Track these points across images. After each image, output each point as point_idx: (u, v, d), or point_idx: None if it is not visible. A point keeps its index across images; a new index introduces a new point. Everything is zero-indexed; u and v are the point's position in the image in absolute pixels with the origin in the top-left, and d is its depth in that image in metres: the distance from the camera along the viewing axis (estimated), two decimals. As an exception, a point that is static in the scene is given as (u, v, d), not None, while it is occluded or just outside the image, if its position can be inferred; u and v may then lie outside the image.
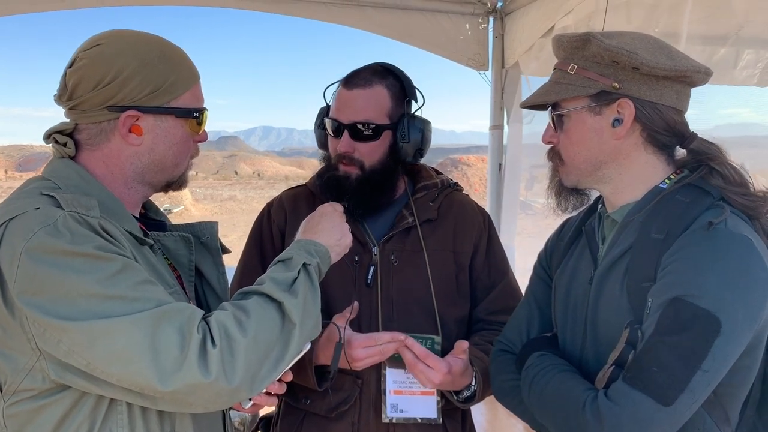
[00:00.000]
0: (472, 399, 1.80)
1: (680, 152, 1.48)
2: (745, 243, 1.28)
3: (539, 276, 1.72)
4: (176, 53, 1.41)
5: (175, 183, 1.49)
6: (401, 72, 1.91)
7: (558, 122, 1.47)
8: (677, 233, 1.32)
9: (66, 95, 1.36)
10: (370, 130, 1.84)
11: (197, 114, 1.43)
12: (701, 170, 1.41)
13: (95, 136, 1.37)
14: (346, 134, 1.84)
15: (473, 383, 1.78)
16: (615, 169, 1.45)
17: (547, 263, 1.71)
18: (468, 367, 1.75)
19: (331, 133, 1.89)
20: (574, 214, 1.65)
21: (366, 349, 1.70)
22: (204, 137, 1.49)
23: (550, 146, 1.53)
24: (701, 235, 1.29)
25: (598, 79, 1.40)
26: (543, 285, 1.69)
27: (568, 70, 1.43)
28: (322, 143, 1.99)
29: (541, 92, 1.48)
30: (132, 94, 1.33)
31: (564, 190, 1.54)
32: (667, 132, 1.43)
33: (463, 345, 1.76)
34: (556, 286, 1.62)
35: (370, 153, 1.86)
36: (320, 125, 1.98)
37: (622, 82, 1.39)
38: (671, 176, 1.45)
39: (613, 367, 1.29)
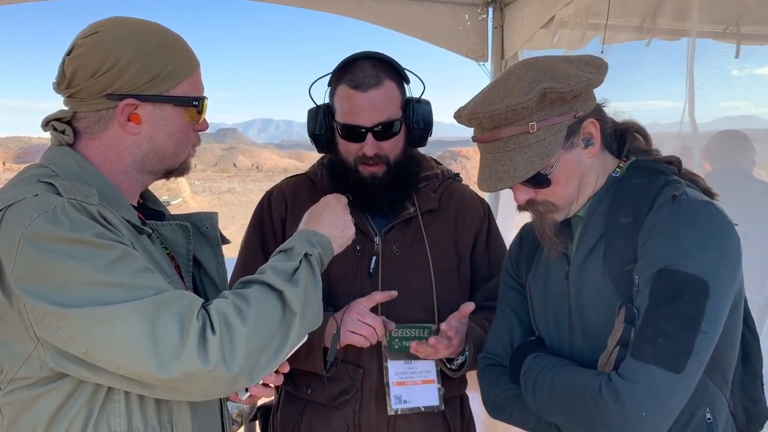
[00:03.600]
0: (464, 366, 1.84)
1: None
2: (710, 208, 1.35)
3: (509, 285, 1.73)
4: (175, 41, 1.40)
5: (176, 170, 1.48)
6: (391, 58, 1.89)
7: (539, 182, 1.43)
8: (644, 213, 1.38)
9: (64, 83, 1.35)
10: (393, 128, 1.84)
11: (197, 102, 1.42)
12: (628, 146, 1.50)
13: (94, 125, 1.36)
14: (370, 137, 1.82)
15: (466, 348, 1.81)
16: (593, 182, 1.49)
17: (514, 271, 1.72)
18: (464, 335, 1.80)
19: (348, 139, 1.85)
20: (529, 222, 1.66)
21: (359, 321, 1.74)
22: (204, 126, 1.48)
23: (528, 202, 1.48)
24: (669, 208, 1.35)
25: (562, 120, 1.40)
26: (515, 293, 1.71)
27: (530, 130, 1.37)
28: (325, 147, 1.93)
29: (519, 167, 1.39)
30: (130, 82, 1.32)
31: (560, 226, 1.52)
32: (608, 126, 1.49)
33: (469, 307, 1.80)
34: (531, 290, 1.64)
35: (394, 148, 1.87)
36: (322, 129, 1.89)
37: (579, 108, 1.41)
38: (620, 165, 1.50)
39: (618, 347, 1.31)
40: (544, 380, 1.44)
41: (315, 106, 1.91)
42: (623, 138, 1.53)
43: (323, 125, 1.89)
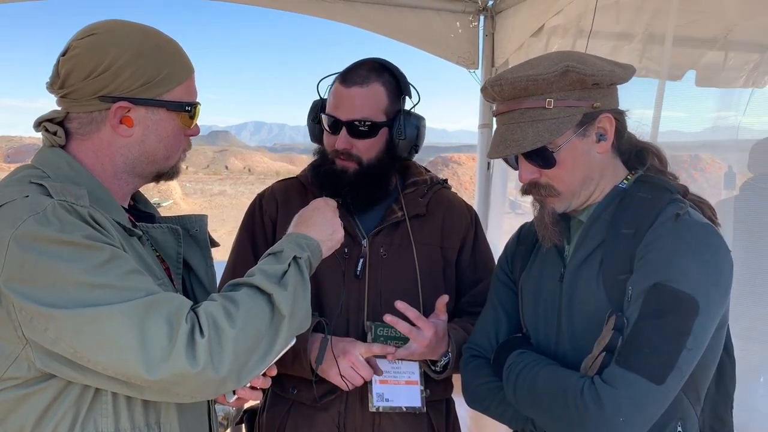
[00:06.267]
0: (447, 368, 1.85)
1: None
2: (711, 230, 1.39)
3: (502, 281, 1.76)
4: (171, 46, 1.41)
5: (167, 174, 1.49)
6: (397, 69, 1.94)
7: (545, 159, 1.46)
8: (646, 227, 1.41)
9: (58, 83, 1.35)
10: (367, 128, 1.86)
11: (189, 108, 1.43)
12: (647, 165, 1.53)
13: (86, 126, 1.37)
14: (344, 131, 1.87)
15: (448, 350, 1.83)
16: (597, 180, 1.51)
17: (509, 268, 1.76)
18: (445, 334, 1.82)
19: (328, 129, 1.91)
20: (530, 219, 1.69)
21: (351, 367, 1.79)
22: (196, 131, 1.49)
23: (531, 182, 1.51)
24: (671, 226, 1.38)
25: (579, 104, 1.43)
26: (506, 289, 1.74)
27: (546, 106, 1.42)
28: (316, 137, 2.00)
29: (528, 138, 1.43)
30: (124, 85, 1.33)
31: (559, 217, 1.55)
32: (625, 132, 1.53)
33: (444, 299, 1.83)
34: (523, 288, 1.67)
35: (368, 149, 1.89)
36: (315, 119, 1.99)
37: (599, 99, 1.44)
38: (628, 177, 1.54)
39: (604, 353, 1.35)
40: (527, 376, 1.47)
41: (317, 99, 2.01)
42: (640, 154, 1.56)
43: (317, 116, 1.98)
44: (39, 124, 1.39)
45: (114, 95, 1.33)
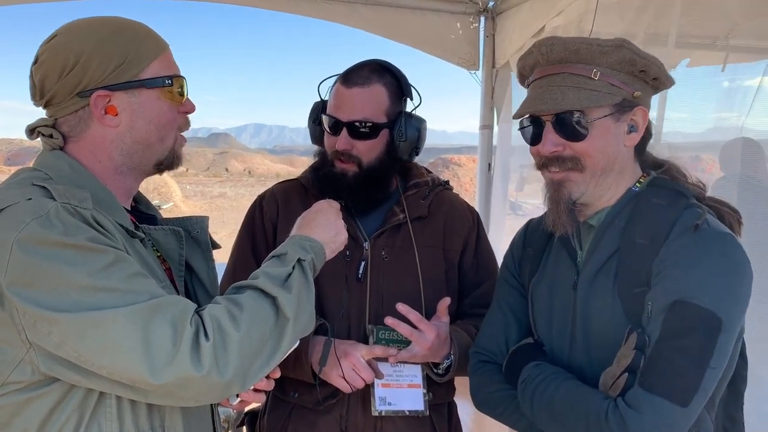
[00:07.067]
0: (450, 370, 1.84)
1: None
2: (730, 240, 1.34)
3: (509, 283, 1.72)
4: (133, 27, 1.39)
5: (166, 160, 1.46)
6: (398, 70, 1.94)
7: (575, 130, 1.42)
8: (662, 237, 1.37)
9: (37, 93, 1.36)
10: (368, 129, 1.86)
11: (169, 81, 1.40)
12: (664, 167, 1.50)
13: (75, 127, 1.36)
14: (344, 132, 1.86)
15: (451, 352, 1.82)
16: (614, 175, 1.47)
17: (516, 271, 1.71)
18: (447, 337, 1.81)
19: (329, 130, 1.91)
20: (534, 218, 1.68)
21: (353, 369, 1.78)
22: (189, 107, 1.47)
23: (552, 155, 1.45)
24: (690, 237, 1.34)
25: (622, 86, 1.41)
26: (514, 292, 1.70)
27: (591, 76, 1.40)
28: (317, 138, 2.00)
29: (567, 98, 1.40)
30: (96, 74, 1.32)
31: (571, 205, 1.47)
32: (650, 138, 1.50)
33: (445, 301, 1.83)
34: (534, 293, 1.63)
35: (368, 151, 1.88)
36: (316, 120, 1.99)
37: (640, 90, 1.42)
38: (640, 180, 1.50)
39: (627, 373, 1.31)
40: (545, 391, 1.43)
41: (318, 100, 2.00)
42: (658, 164, 1.53)
43: (317, 118, 1.98)
44: (32, 131, 1.39)
45: (90, 88, 1.33)
